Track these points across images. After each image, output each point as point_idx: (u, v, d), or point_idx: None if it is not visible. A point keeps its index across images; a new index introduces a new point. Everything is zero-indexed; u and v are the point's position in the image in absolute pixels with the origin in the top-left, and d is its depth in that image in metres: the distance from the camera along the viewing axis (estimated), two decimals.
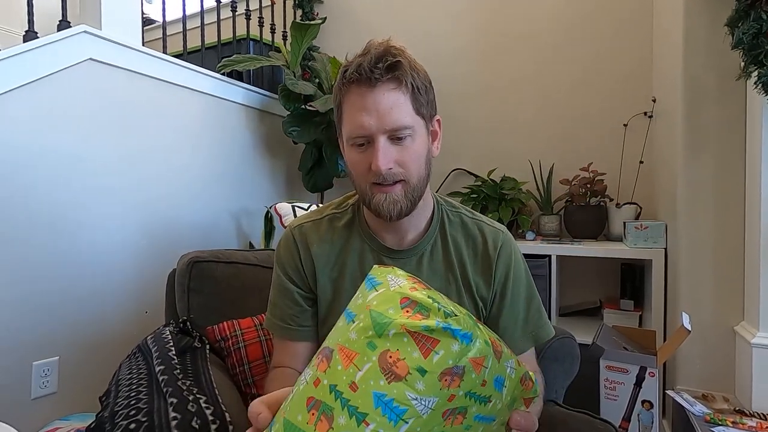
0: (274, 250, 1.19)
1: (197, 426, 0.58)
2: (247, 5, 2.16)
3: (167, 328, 0.91)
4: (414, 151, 0.64)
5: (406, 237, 0.72)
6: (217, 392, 0.70)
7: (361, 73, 0.60)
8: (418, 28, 2.19)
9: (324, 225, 0.75)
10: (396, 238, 0.72)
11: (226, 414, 0.63)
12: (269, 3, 2.30)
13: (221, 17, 2.06)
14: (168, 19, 1.89)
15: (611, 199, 1.76)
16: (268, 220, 1.83)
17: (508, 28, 2.02)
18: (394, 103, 0.61)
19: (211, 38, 2.07)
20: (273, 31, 2.29)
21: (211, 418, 0.60)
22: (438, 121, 0.69)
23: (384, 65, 0.60)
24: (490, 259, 0.73)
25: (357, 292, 0.43)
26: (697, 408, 1.13)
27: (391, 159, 0.62)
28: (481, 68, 2.07)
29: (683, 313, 1.18)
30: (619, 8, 1.83)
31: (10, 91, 1.17)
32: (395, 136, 0.62)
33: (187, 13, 1.94)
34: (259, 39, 2.23)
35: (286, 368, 0.72)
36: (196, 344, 0.87)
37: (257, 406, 0.42)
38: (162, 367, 0.73)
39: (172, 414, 0.59)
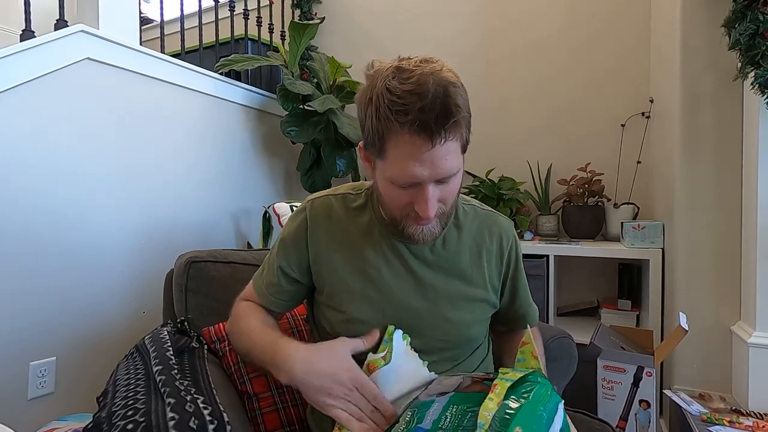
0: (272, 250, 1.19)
1: (195, 426, 0.58)
2: (246, 5, 2.16)
3: (165, 329, 0.91)
4: (455, 185, 0.65)
5: None
6: (214, 392, 0.70)
7: (425, 128, 0.56)
8: (417, 28, 2.19)
9: (338, 202, 0.76)
10: None
11: (224, 414, 0.63)
12: (267, 3, 2.30)
13: (219, 17, 2.05)
14: (166, 18, 1.89)
15: (609, 199, 1.76)
16: (266, 220, 1.83)
17: (506, 29, 2.02)
18: (447, 152, 0.59)
19: (209, 38, 2.07)
20: (271, 30, 2.29)
21: (209, 418, 0.60)
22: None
23: (450, 123, 0.56)
24: (503, 250, 0.78)
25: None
26: (694, 407, 1.14)
27: (435, 202, 0.62)
28: (479, 69, 2.07)
29: (680, 312, 1.19)
30: (616, 10, 1.83)
31: (7, 90, 1.17)
32: (443, 181, 0.61)
33: (185, 12, 1.94)
34: (257, 39, 2.23)
35: (255, 305, 0.77)
36: (193, 344, 0.86)
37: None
38: (160, 368, 0.73)
39: (170, 414, 0.59)
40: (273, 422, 0.83)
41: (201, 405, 0.63)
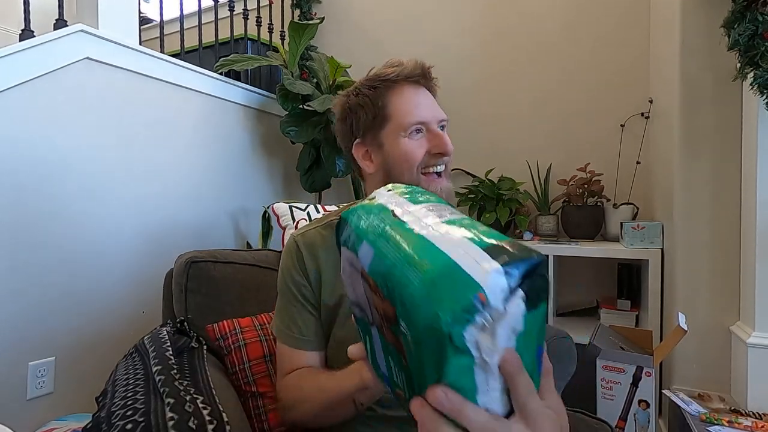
0: (271, 250, 1.20)
1: (194, 426, 0.58)
2: (245, 5, 2.16)
3: (164, 329, 0.91)
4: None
5: None
6: (214, 392, 0.70)
7: (416, 74, 0.71)
8: (416, 28, 2.19)
9: (327, 231, 0.77)
10: None
11: (224, 414, 0.63)
12: (267, 3, 2.30)
13: (219, 17, 2.05)
14: (166, 18, 1.89)
15: (608, 200, 1.76)
16: (266, 220, 1.83)
17: (506, 29, 2.03)
18: (434, 100, 0.74)
19: (208, 38, 2.07)
20: (271, 30, 2.29)
21: (208, 418, 0.60)
22: None
23: (430, 71, 0.73)
24: None
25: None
26: (693, 407, 1.14)
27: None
28: (479, 69, 2.07)
29: (679, 312, 1.19)
30: (616, 9, 1.83)
31: (6, 90, 1.17)
32: (441, 126, 0.72)
33: (185, 12, 1.93)
34: (256, 39, 2.23)
35: (303, 369, 0.73)
36: (193, 344, 0.86)
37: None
38: (159, 368, 0.73)
39: (169, 414, 0.59)
40: (277, 419, 0.83)
41: (200, 405, 0.63)
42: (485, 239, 0.34)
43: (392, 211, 0.41)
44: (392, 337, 0.37)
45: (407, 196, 0.44)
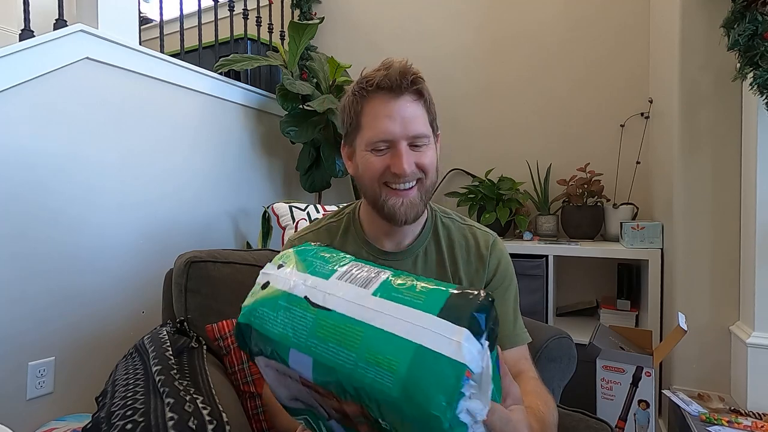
0: (271, 250, 1.20)
1: (194, 426, 0.58)
2: (245, 4, 2.16)
3: (164, 329, 0.91)
4: (430, 157, 0.69)
5: (404, 241, 0.75)
6: (214, 392, 0.70)
7: (391, 83, 0.65)
8: (416, 29, 2.19)
9: (322, 234, 0.78)
10: (394, 242, 0.75)
11: (224, 414, 0.63)
12: (267, 2, 2.30)
13: (218, 16, 2.05)
14: (165, 18, 1.89)
15: (608, 200, 1.76)
16: (266, 220, 1.83)
17: (506, 29, 2.03)
18: (414, 113, 0.66)
19: (208, 38, 2.07)
20: (271, 30, 2.29)
21: (208, 418, 0.60)
22: (438, 135, 0.73)
23: (409, 78, 0.65)
24: (483, 256, 0.76)
25: None
26: (693, 407, 1.14)
27: (411, 162, 0.66)
28: (479, 69, 2.07)
29: (679, 313, 1.19)
30: (616, 9, 1.83)
31: (6, 90, 1.17)
32: (414, 143, 0.67)
33: (185, 12, 1.93)
34: (256, 39, 2.23)
35: None
36: (193, 344, 0.87)
37: None
38: (159, 368, 0.73)
39: (169, 414, 0.59)
40: None
41: (200, 405, 0.63)
42: (430, 302, 0.32)
43: (306, 297, 0.36)
44: (367, 428, 0.35)
45: (304, 266, 0.39)
